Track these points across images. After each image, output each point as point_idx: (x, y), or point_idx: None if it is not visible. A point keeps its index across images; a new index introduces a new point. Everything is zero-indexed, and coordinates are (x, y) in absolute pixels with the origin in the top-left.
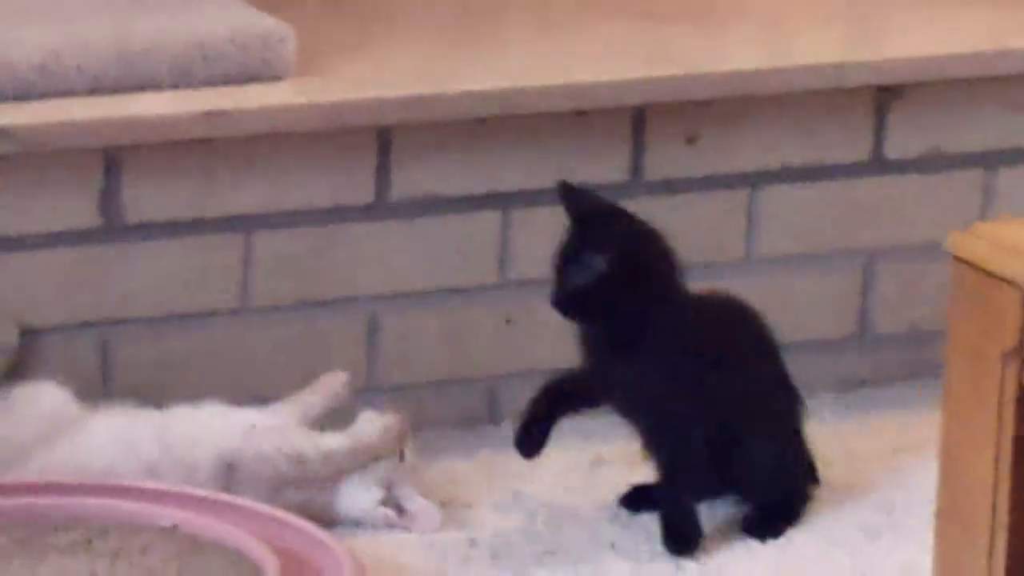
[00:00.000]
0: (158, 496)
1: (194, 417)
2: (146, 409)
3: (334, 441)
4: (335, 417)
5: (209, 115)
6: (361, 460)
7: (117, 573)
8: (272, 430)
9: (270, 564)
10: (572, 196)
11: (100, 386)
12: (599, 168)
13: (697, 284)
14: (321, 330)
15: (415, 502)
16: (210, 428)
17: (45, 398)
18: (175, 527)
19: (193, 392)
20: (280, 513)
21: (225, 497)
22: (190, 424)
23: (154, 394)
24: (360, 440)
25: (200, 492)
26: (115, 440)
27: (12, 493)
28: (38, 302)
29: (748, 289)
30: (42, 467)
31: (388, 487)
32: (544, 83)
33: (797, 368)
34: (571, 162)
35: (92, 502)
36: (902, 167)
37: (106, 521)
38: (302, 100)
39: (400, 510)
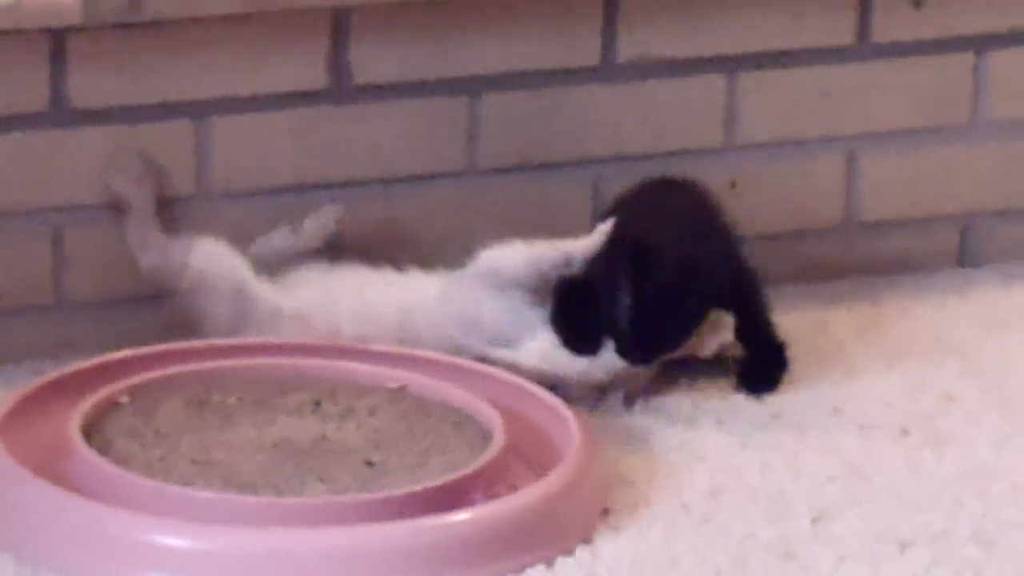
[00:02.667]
0: (385, 357)
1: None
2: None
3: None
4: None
5: None
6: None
7: (345, 434)
8: None
9: (497, 426)
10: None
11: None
12: (825, 31)
13: (919, 150)
14: (546, 193)
15: None
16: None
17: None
18: (403, 388)
19: (420, 253)
20: (511, 377)
21: (453, 359)
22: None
23: (381, 255)
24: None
25: (427, 354)
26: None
27: (244, 354)
28: (268, 162)
29: (973, 154)
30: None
31: None
32: None
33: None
34: (799, 24)
35: (320, 363)
36: None
37: (334, 382)
38: None
39: None
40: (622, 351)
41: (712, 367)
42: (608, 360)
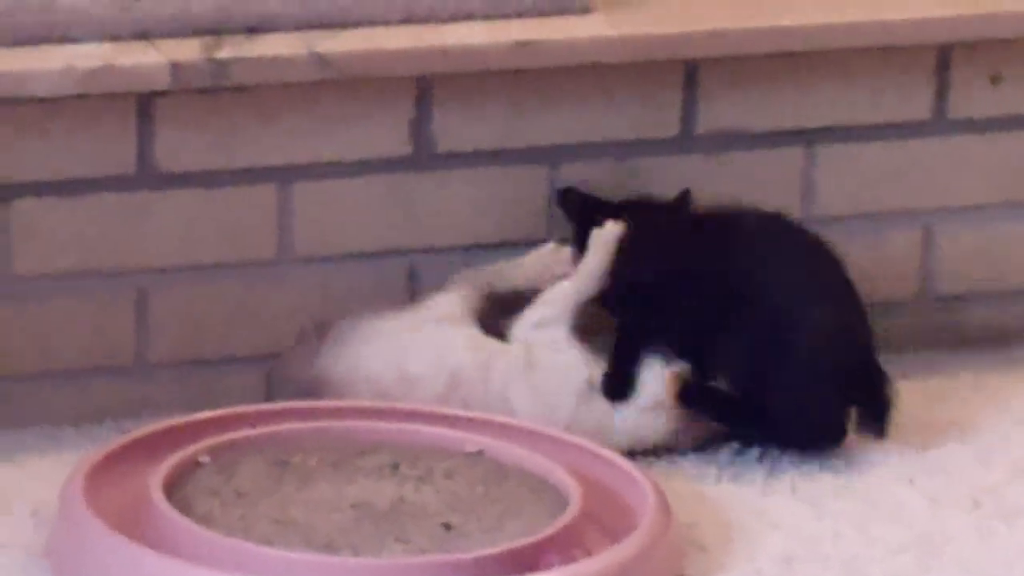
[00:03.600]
0: (463, 422)
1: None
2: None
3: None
4: None
5: (520, 45)
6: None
7: (423, 496)
8: None
9: (574, 491)
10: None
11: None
12: (903, 106)
13: (994, 225)
14: None
15: None
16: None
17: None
18: (480, 452)
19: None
20: (585, 442)
21: (529, 424)
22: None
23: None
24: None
25: (505, 419)
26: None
27: (324, 416)
28: (348, 228)
29: None
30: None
31: None
32: (851, 19)
33: None
34: (877, 98)
35: (399, 427)
36: None
37: (412, 445)
38: (610, 33)
39: None
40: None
41: None
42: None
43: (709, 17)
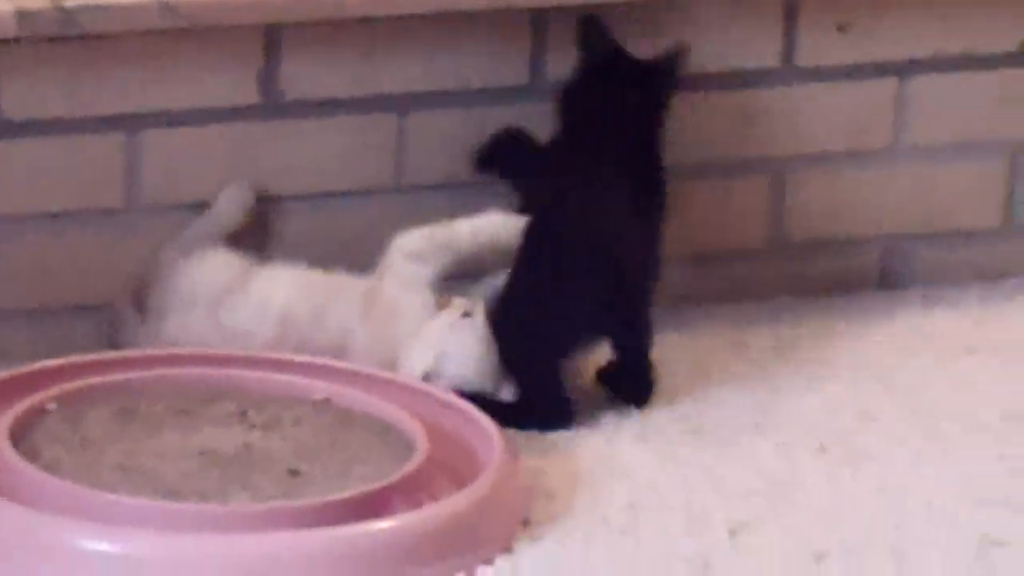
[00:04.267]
0: (311, 369)
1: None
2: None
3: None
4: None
5: None
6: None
7: (270, 444)
8: None
9: (420, 439)
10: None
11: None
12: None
13: (843, 173)
14: (470, 211)
15: None
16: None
17: (215, 262)
18: (327, 400)
19: (347, 268)
20: (433, 389)
21: (377, 372)
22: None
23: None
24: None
25: (352, 366)
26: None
27: (171, 364)
28: (197, 177)
29: (895, 178)
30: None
31: None
32: None
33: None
34: (725, 47)
35: (246, 374)
36: None
37: (260, 393)
38: None
39: None
40: None
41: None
42: None
43: None
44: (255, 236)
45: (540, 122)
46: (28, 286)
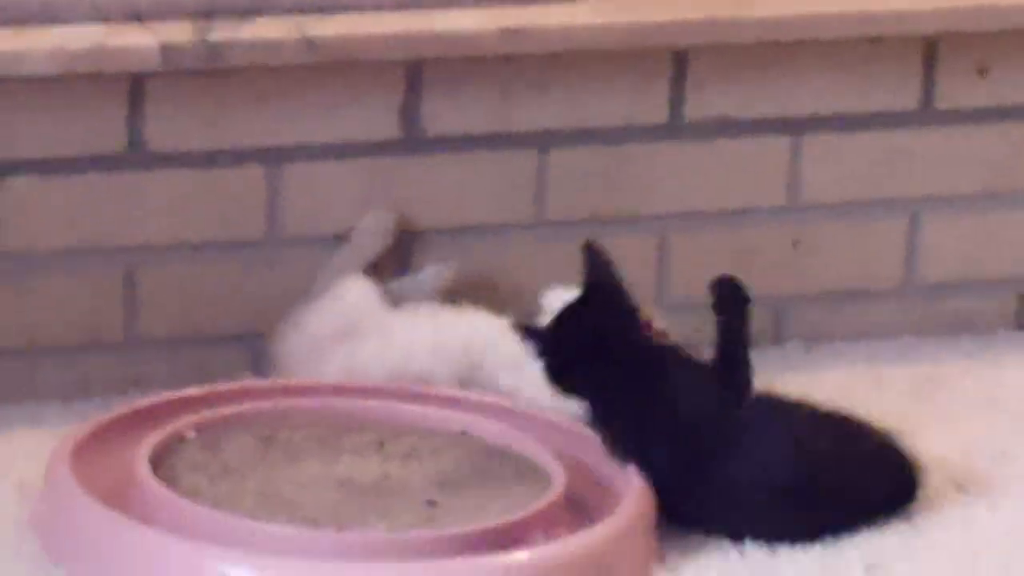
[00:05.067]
0: (449, 401)
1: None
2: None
3: None
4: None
5: (509, 31)
6: None
7: (408, 475)
8: None
9: (558, 473)
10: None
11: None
12: (890, 96)
13: (998, 211)
14: (611, 246)
15: None
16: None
17: (352, 293)
18: (465, 432)
19: (487, 302)
20: (570, 423)
21: (514, 404)
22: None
23: (452, 301)
24: None
25: (490, 398)
26: (421, 344)
27: (310, 394)
28: (337, 209)
29: None
30: (342, 363)
31: None
32: (839, 9)
33: None
34: (864, 88)
35: (385, 405)
36: None
37: (398, 424)
38: (600, 20)
39: None
40: None
41: None
42: None
43: (698, 5)
44: (394, 267)
45: (678, 159)
46: (170, 315)
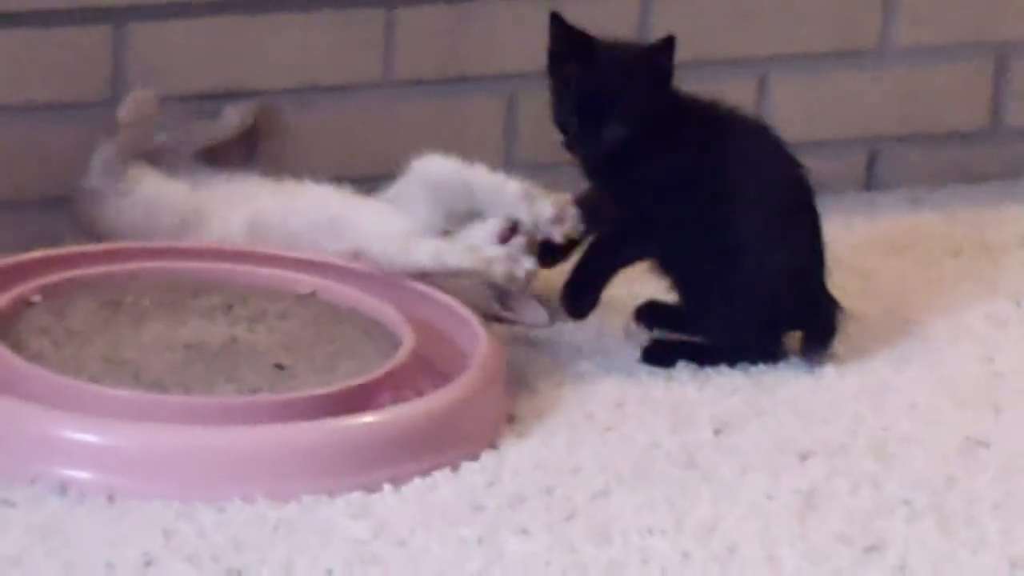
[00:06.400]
0: (297, 263)
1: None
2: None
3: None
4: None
5: None
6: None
7: (256, 337)
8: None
9: (406, 334)
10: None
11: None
12: None
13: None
14: (459, 107)
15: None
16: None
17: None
18: (313, 294)
19: (332, 161)
20: (419, 286)
21: (364, 267)
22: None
23: (298, 161)
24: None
25: (340, 261)
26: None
27: (154, 257)
28: (180, 70)
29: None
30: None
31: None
32: None
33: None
34: None
35: (233, 268)
36: None
37: (246, 287)
38: None
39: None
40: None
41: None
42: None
43: None
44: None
45: (531, 17)
46: (6, 180)
